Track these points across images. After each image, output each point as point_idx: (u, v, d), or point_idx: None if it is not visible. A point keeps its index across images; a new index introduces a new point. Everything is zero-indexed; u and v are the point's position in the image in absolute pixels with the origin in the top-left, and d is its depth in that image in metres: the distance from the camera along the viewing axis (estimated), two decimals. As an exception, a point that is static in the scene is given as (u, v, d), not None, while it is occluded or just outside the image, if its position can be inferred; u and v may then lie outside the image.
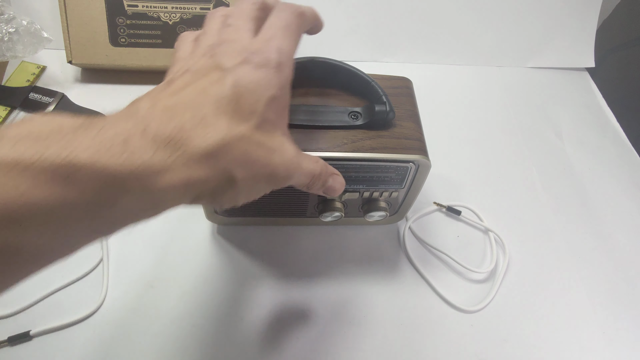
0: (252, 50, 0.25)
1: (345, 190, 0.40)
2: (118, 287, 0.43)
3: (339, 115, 0.37)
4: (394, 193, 0.41)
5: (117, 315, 0.42)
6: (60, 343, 0.40)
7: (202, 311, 0.43)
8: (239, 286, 0.45)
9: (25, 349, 0.39)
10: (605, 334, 0.44)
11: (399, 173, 0.39)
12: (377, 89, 0.37)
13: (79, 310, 0.41)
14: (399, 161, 0.37)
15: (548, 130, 0.63)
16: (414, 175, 0.39)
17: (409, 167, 0.38)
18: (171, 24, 0.57)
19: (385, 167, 0.37)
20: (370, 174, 0.38)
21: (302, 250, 0.47)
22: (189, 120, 0.21)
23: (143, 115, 0.21)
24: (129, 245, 0.46)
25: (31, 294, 0.42)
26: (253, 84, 0.24)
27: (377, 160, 0.36)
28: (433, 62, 0.69)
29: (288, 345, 0.41)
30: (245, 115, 0.23)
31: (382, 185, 0.40)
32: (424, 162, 0.37)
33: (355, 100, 0.39)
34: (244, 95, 0.23)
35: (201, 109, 0.22)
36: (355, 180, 0.39)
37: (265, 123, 0.24)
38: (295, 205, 0.43)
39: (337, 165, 0.35)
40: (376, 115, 0.36)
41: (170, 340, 0.41)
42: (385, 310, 0.44)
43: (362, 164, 0.37)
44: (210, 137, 0.22)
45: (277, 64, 0.25)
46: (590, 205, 0.55)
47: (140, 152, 0.20)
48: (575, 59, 0.71)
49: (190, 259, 0.46)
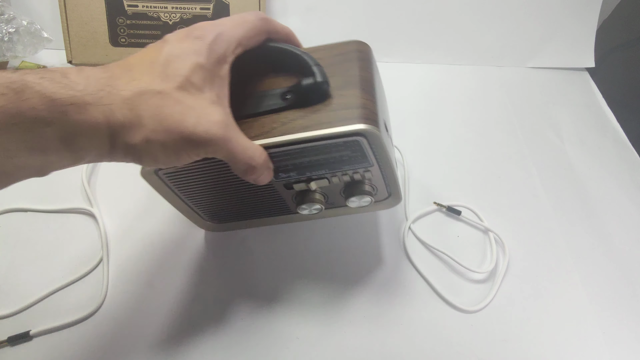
0: (196, 27, 0.29)
1: (309, 178, 0.36)
2: (118, 287, 0.43)
3: (271, 99, 0.34)
4: (366, 173, 0.36)
5: (117, 315, 0.42)
6: (60, 343, 0.40)
7: (203, 311, 0.43)
8: (238, 287, 0.45)
9: (25, 349, 0.39)
10: (605, 334, 0.44)
11: (354, 149, 0.33)
12: (307, 60, 0.33)
13: (79, 310, 0.41)
14: (340, 135, 0.32)
15: (548, 130, 0.63)
16: (372, 148, 0.33)
17: (359, 140, 0.32)
18: (171, 24, 0.57)
19: (331, 145, 0.33)
20: (321, 156, 0.34)
21: (299, 250, 0.47)
22: (120, 73, 0.26)
23: (89, 69, 0.25)
24: (129, 245, 0.46)
25: (31, 294, 0.42)
26: (182, 51, 0.27)
27: (311, 139, 0.32)
28: (433, 62, 0.69)
29: (288, 345, 0.41)
30: (170, 76, 0.26)
31: (347, 165, 0.35)
32: (369, 130, 0.31)
33: (293, 79, 0.34)
34: (172, 61, 0.27)
35: (134, 67, 0.26)
36: (311, 165, 0.35)
37: (189, 85, 0.27)
38: (271, 201, 0.41)
39: (278, 153, 0.33)
40: (306, 90, 0.32)
41: (171, 340, 0.41)
42: (385, 310, 0.44)
43: (304, 147, 0.32)
44: (131, 87, 0.25)
45: (212, 40, 0.28)
46: (590, 205, 0.55)
47: (74, 85, 0.23)
48: (575, 59, 0.71)
49: (185, 262, 0.46)
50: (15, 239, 0.46)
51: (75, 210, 0.49)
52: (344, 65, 0.35)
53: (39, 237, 0.46)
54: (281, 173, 0.35)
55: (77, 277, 0.43)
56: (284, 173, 0.35)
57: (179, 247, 0.46)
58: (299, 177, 0.36)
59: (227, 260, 0.46)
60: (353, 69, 0.35)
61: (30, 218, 0.48)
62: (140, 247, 0.46)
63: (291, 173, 0.36)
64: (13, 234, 0.46)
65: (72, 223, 0.48)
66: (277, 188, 0.38)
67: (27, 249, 0.45)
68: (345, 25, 0.67)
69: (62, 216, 0.48)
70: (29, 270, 0.44)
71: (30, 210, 0.48)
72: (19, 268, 0.44)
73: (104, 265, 0.44)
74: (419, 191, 0.54)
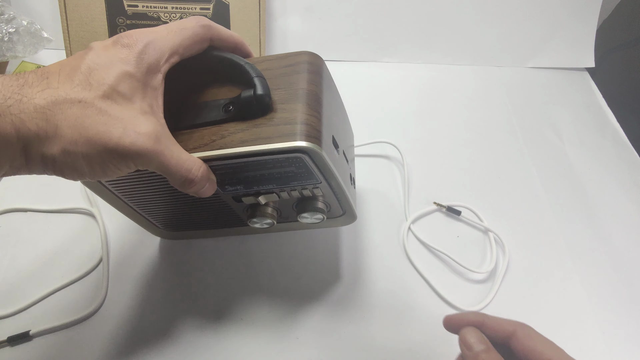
0: (124, 35, 0.27)
1: (258, 192, 0.35)
2: (118, 287, 0.43)
3: (212, 111, 0.32)
4: (315, 189, 0.35)
5: (117, 315, 0.42)
6: (60, 343, 0.40)
7: (202, 312, 0.43)
8: (233, 290, 0.45)
9: (25, 349, 0.39)
10: (605, 333, 0.44)
11: (298, 166, 0.32)
12: (248, 70, 0.32)
13: (79, 311, 0.41)
14: (280, 152, 0.31)
15: (548, 130, 0.63)
16: (316, 166, 0.32)
17: (302, 157, 0.31)
18: (171, 24, 0.57)
19: (272, 160, 0.32)
20: (265, 171, 0.33)
21: (298, 253, 0.47)
22: (35, 81, 0.24)
23: (1, 76, 0.23)
24: (129, 245, 0.46)
25: (31, 294, 0.42)
26: (108, 59, 0.26)
27: (249, 154, 0.31)
28: (433, 62, 0.69)
29: (287, 346, 0.41)
30: (93, 85, 0.25)
31: (294, 181, 0.34)
32: (310, 148, 0.30)
33: (236, 90, 0.33)
34: (96, 69, 0.25)
35: (51, 75, 0.25)
36: (257, 179, 0.34)
37: (116, 95, 0.25)
38: (224, 213, 0.40)
39: (220, 166, 0.32)
40: (246, 102, 0.31)
41: (171, 340, 0.41)
42: (384, 310, 0.44)
43: (245, 161, 0.32)
44: (45, 95, 0.24)
45: (142, 49, 0.27)
46: (590, 205, 0.55)
47: None
48: (575, 59, 0.71)
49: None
50: (15, 239, 0.46)
51: (76, 210, 0.49)
52: (291, 77, 0.33)
53: (39, 237, 0.46)
54: (228, 186, 0.34)
55: (77, 277, 0.43)
56: (230, 186, 0.35)
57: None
58: (246, 191, 0.35)
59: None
60: (300, 82, 0.33)
61: (30, 218, 0.48)
62: (141, 247, 0.46)
63: (238, 186, 0.35)
64: (13, 234, 0.47)
65: (72, 223, 0.48)
66: (227, 200, 0.37)
67: (27, 249, 0.45)
68: (345, 25, 0.67)
69: (62, 216, 0.48)
70: (29, 270, 0.44)
71: (31, 210, 0.48)
72: (19, 268, 0.44)
73: (104, 265, 0.44)
74: (419, 191, 0.54)
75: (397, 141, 0.57)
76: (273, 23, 0.65)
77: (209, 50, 0.32)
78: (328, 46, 0.67)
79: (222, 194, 0.36)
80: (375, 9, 0.66)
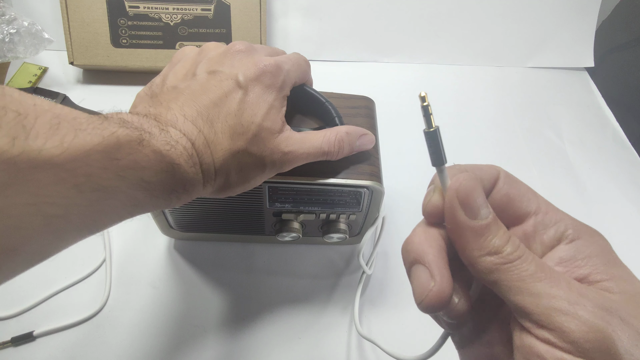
0: (264, 72, 0.30)
1: (300, 211, 0.39)
2: (121, 288, 0.44)
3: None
4: (351, 216, 0.40)
5: (120, 315, 0.42)
6: (64, 343, 0.40)
7: (205, 312, 0.43)
8: (236, 290, 0.45)
9: (28, 349, 0.40)
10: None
11: (354, 197, 0.37)
12: (330, 109, 0.36)
13: (82, 311, 0.42)
14: (350, 186, 0.36)
15: (548, 130, 0.63)
16: (369, 200, 0.38)
17: (363, 192, 0.37)
18: (172, 25, 0.57)
19: (338, 191, 0.37)
20: (324, 197, 0.38)
21: (301, 262, 0.48)
22: (208, 132, 0.27)
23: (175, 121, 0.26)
24: (132, 246, 0.46)
25: (34, 295, 0.42)
26: (255, 102, 0.29)
27: (325, 185, 0.35)
28: (433, 62, 0.70)
29: (287, 345, 0.42)
30: (245, 128, 0.28)
31: (339, 207, 0.39)
32: (376, 188, 0.36)
33: (314, 123, 0.37)
34: (246, 110, 0.28)
35: (215, 122, 0.28)
36: (309, 202, 0.38)
37: (263, 131, 0.29)
38: (251, 222, 0.42)
39: (288, 188, 0.36)
40: None
41: (173, 340, 0.41)
42: (383, 310, 0.44)
43: (312, 188, 0.36)
44: (218, 155, 0.27)
45: (282, 85, 0.31)
46: (590, 205, 0.55)
47: (186, 167, 0.25)
48: (574, 58, 0.71)
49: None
50: (18, 240, 0.46)
51: (78, 211, 0.49)
52: (357, 120, 0.39)
53: (41, 238, 0.46)
54: (278, 203, 0.38)
55: (80, 277, 0.44)
56: (280, 203, 0.38)
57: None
58: (291, 209, 0.39)
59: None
60: (365, 125, 0.38)
61: (32, 219, 0.48)
62: (142, 247, 0.46)
63: (287, 204, 0.38)
64: (16, 234, 0.47)
65: (74, 224, 0.48)
66: (265, 212, 0.40)
67: (29, 249, 0.46)
68: (345, 25, 0.67)
69: (64, 217, 0.48)
70: (31, 271, 0.44)
71: (33, 211, 0.48)
72: (22, 269, 0.44)
73: (107, 266, 0.44)
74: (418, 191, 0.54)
75: (397, 141, 0.57)
76: (274, 23, 0.65)
77: (302, 86, 0.36)
78: (328, 46, 0.67)
79: (267, 209, 0.39)
80: (375, 9, 0.67)
